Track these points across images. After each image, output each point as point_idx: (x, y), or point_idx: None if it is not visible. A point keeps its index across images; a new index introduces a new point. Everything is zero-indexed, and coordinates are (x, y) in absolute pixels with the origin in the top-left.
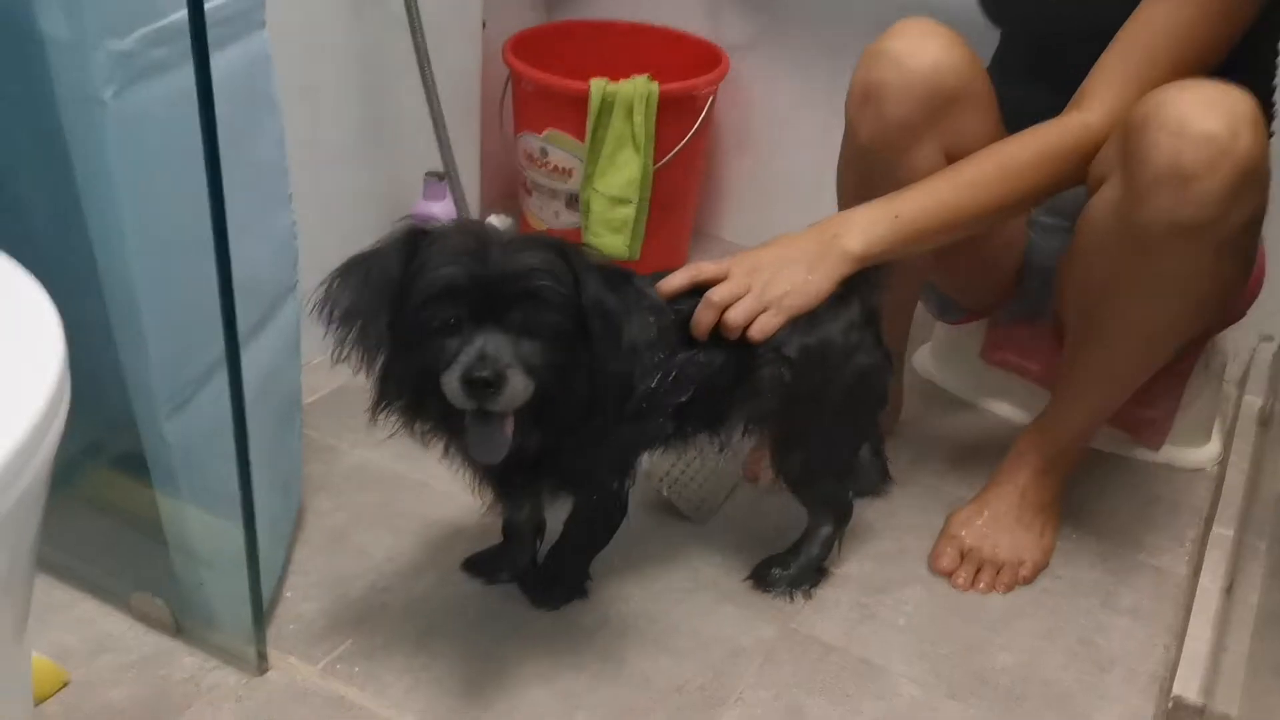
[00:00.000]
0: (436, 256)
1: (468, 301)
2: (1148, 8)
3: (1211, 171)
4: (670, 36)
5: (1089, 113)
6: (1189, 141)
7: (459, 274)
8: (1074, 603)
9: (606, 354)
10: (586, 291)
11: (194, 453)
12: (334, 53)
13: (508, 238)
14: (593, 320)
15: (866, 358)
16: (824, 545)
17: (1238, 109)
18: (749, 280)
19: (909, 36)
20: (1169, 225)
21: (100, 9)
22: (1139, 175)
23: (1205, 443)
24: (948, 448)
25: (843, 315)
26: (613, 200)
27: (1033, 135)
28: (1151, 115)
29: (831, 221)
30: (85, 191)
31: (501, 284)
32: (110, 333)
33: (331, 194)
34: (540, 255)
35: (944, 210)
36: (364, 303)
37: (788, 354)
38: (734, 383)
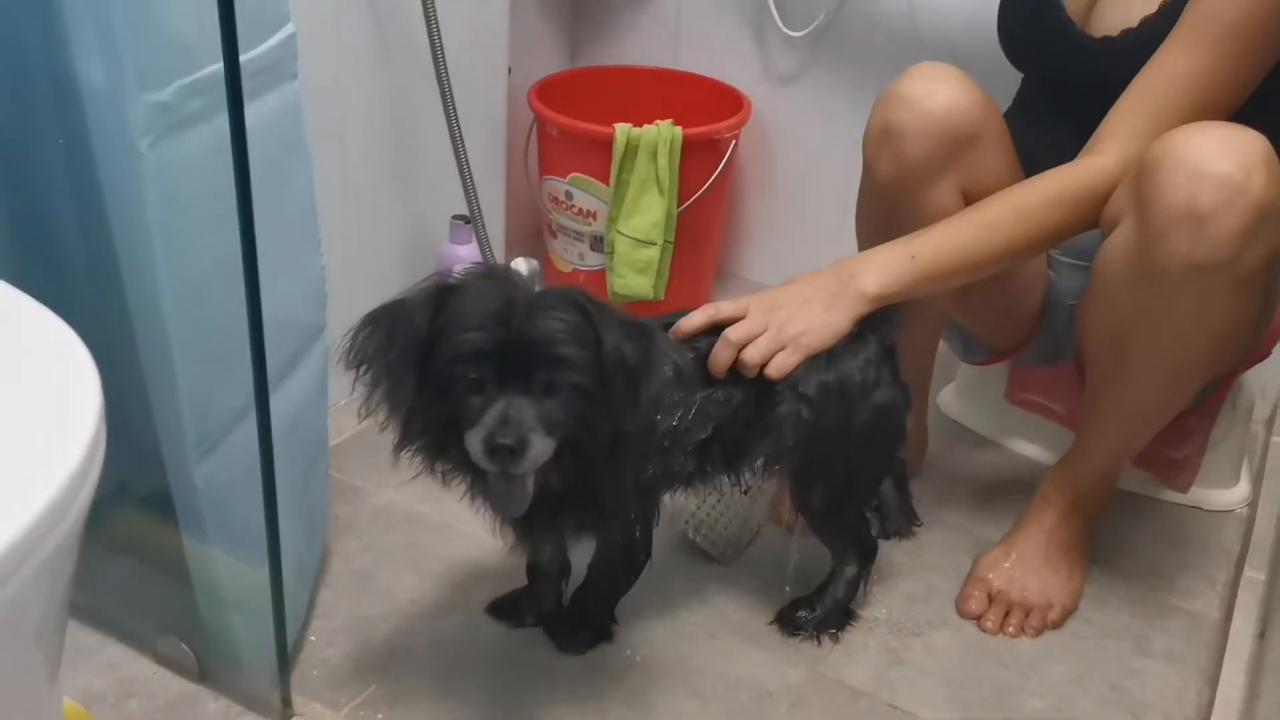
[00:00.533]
0: (461, 316)
1: (492, 364)
2: (1165, 54)
3: (1227, 211)
4: (693, 81)
5: (1104, 156)
6: (1204, 182)
7: (483, 339)
8: (1105, 647)
9: (626, 408)
10: (607, 347)
11: (222, 496)
12: (362, 99)
13: (531, 295)
14: (613, 376)
15: (885, 394)
16: (850, 586)
17: (1251, 150)
18: (766, 319)
19: (924, 79)
20: (1185, 265)
21: (138, 61)
22: (1154, 216)
23: (1234, 484)
24: (974, 487)
25: (860, 353)
26: (637, 242)
27: (1048, 178)
28: (1165, 157)
29: (849, 262)
30: (120, 239)
31: (525, 349)
32: (142, 377)
33: (360, 237)
34: (563, 316)
35: (960, 251)
36: (391, 362)
37: (806, 392)
38: (753, 420)
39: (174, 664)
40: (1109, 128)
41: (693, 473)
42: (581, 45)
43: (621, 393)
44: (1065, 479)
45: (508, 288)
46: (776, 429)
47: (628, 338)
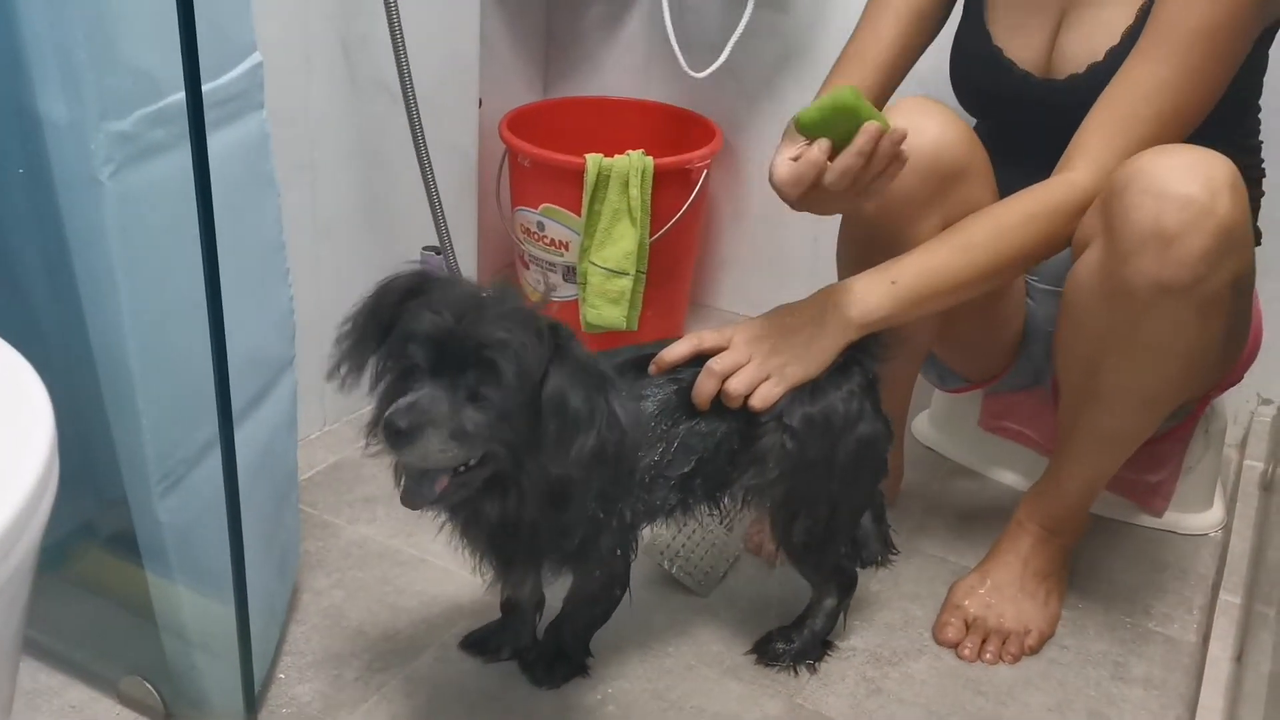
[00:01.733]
0: (426, 302)
1: (429, 353)
2: (1130, 66)
3: (1193, 232)
4: (664, 111)
5: (1076, 172)
6: (1170, 203)
7: (430, 325)
8: (1083, 673)
9: (553, 455)
10: (549, 385)
11: (187, 532)
12: (332, 131)
13: (505, 307)
14: (547, 416)
15: (868, 426)
16: (829, 617)
17: (1216, 173)
18: (750, 350)
19: (909, 114)
20: (1153, 286)
21: (100, 90)
22: (1122, 237)
23: (1208, 508)
24: (950, 516)
25: (844, 384)
26: (610, 273)
27: (1023, 196)
28: (1132, 179)
29: (831, 290)
30: (81, 270)
31: (462, 345)
32: (104, 411)
33: (329, 269)
34: (516, 333)
35: (940, 274)
36: (359, 324)
37: (790, 423)
38: (736, 452)
39: (138, 704)
40: (1079, 145)
41: (675, 505)
42: (553, 76)
43: (551, 437)
44: (1039, 505)
45: (486, 294)
46: (760, 461)
47: (577, 383)
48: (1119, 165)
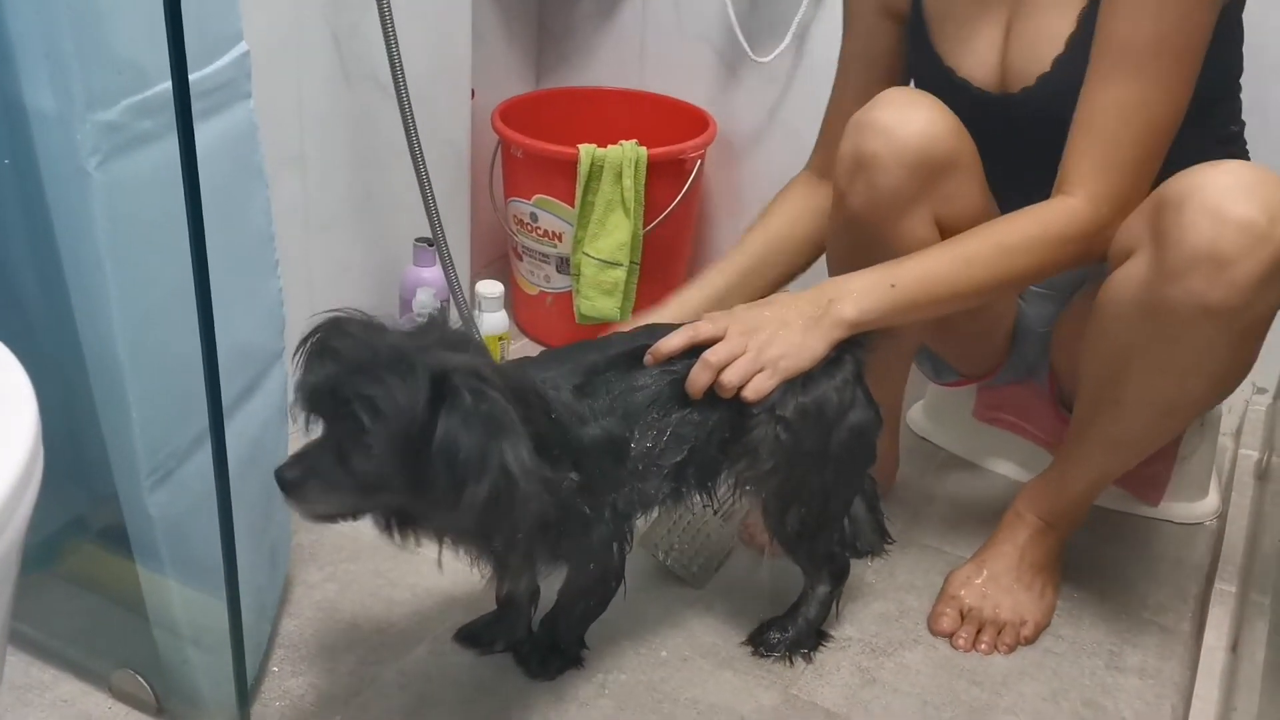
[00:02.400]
0: (318, 354)
1: (311, 406)
2: (1091, 90)
3: (1248, 257)
4: (658, 102)
5: (1074, 198)
6: (1228, 226)
7: (310, 379)
8: (1078, 663)
9: (446, 504)
10: (439, 435)
11: (178, 525)
12: (323, 122)
13: (392, 357)
14: (438, 465)
15: (860, 414)
16: (822, 606)
17: (1275, 196)
18: (745, 341)
19: (896, 106)
20: (1198, 307)
21: (86, 81)
22: (1172, 254)
23: (1203, 497)
24: (945, 506)
25: (836, 374)
26: (603, 263)
27: (1027, 217)
28: (1189, 196)
29: (828, 286)
30: (69, 262)
31: (331, 401)
32: (93, 405)
33: (321, 261)
34: (388, 383)
35: (939, 283)
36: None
37: (783, 414)
38: (728, 442)
39: (130, 699)
40: (1069, 171)
41: (668, 494)
42: (546, 67)
43: (444, 485)
44: (1040, 498)
45: (384, 337)
46: (753, 451)
47: (468, 432)
48: (1130, 188)
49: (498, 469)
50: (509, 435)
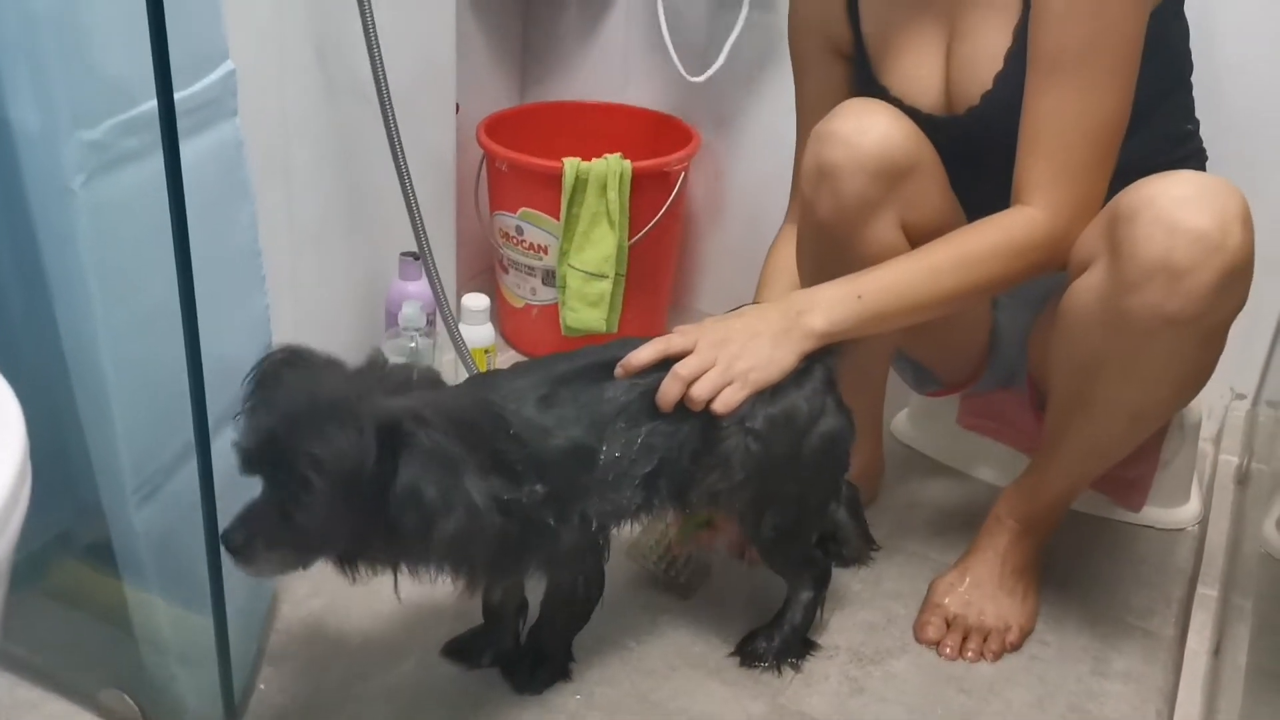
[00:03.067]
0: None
1: (250, 464)
2: (1033, 100)
3: (1202, 267)
4: (641, 115)
5: (1033, 207)
6: (1181, 237)
7: (248, 436)
8: (1064, 669)
9: (414, 545)
10: (401, 481)
11: (164, 541)
12: (308, 136)
13: (327, 400)
14: (404, 510)
15: (831, 421)
16: (807, 611)
17: (1229, 206)
18: (715, 353)
19: (854, 116)
20: (1156, 316)
21: (71, 99)
22: (1129, 266)
23: (1185, 502)
24: (931, 513)
25: (805, 384)
26: (589, 276)
27: (991, 227)
28: (1142, 208)
29: (797, 298)
30: (54, 279)
31: (281, 455)
32: (79, 421)
33: (307, 275)
34: (331, 436)
35: (905, 294)
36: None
37: (753, 426)
38: (699, 453)
39: (117, 716)
40: (1022, 181)
41: (640, 505)
42: (530, 81)
43: (412, 528)
44: (1018, 503)
45: (322, 383)
46: (725, 463)
47: (428, 473)
48: (1087, 192)
49: (463, 506)
50: (466, 470)
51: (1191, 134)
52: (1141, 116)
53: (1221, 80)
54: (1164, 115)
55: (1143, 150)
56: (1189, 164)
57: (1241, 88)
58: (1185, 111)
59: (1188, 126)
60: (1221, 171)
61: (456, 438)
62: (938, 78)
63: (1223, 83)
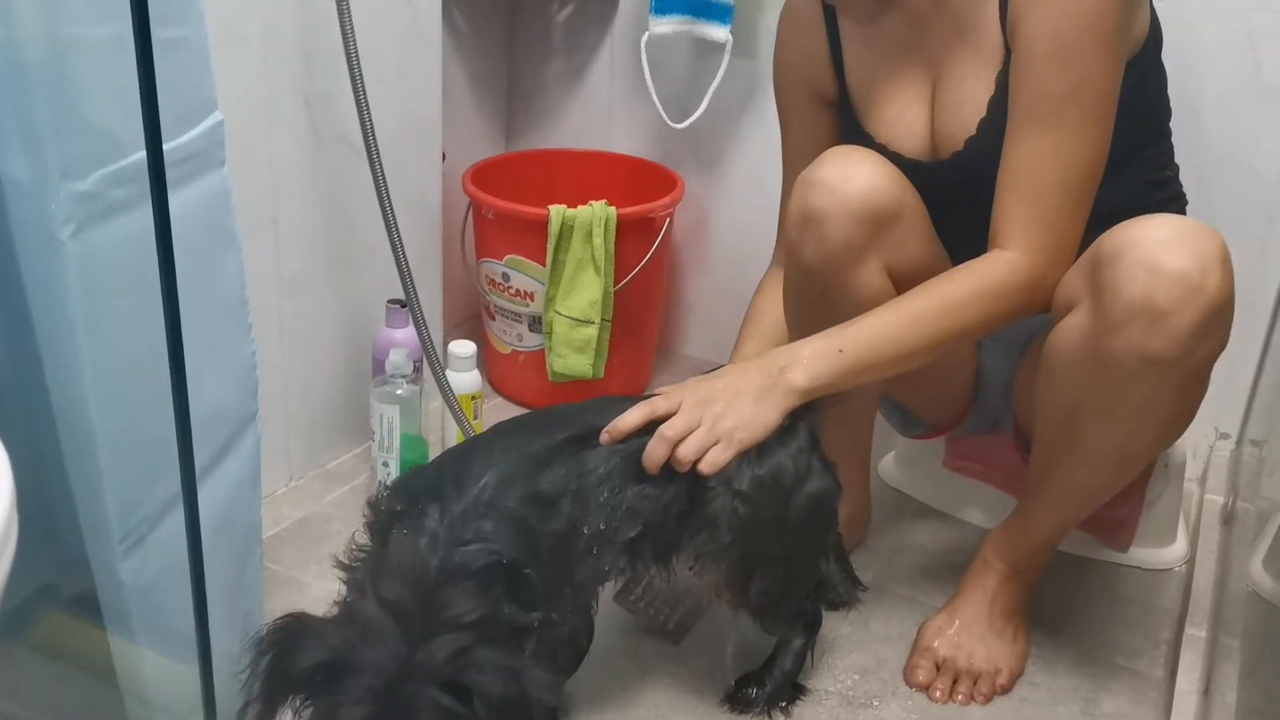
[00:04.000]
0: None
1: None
2: (1012, 145)
3: (1183, 309)
4: (626, 163)
5: (1011, 251)
6: (1162, 279)
7: None
8: (1053, 711)
9: None
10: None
11: (149, 591)
12: (295, 186)
13: (398, 687)
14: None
15: (817, 482)
16: (797, 658)
17: (1208, 248)
18: (700, 414)
19: (839, 163)
20: (1138, 358)
21: (61, 150)
22: (1111, 308)
23: (1171, 542)
24: (919, 556)
25: (790, 443)
26: (575, 321)
27: (966, 273)
28: (1124, 250)
29: (779, 354)
30: (42, 329)
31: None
32: (65, 471)
33: (295, 323)
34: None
35: (886, 344)
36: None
37: (739, 488)
38: (685, 516)
39: None
40: (1002, 227)
41: (624, 568)
42: (516, 129)
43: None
44: (1005, 545)
45: (381, 664)
46: (712, 524)
47: (504, 700)
48: (1063, 237)
49: (538, 706)
50: (529, 674)
51: (1171, 179)
52: (1120, 163)
53: (1200, 124)
54: (1143, 162)
55: (1123, 195)
56: (1169, 209)
57: (1218, 131)
58: (1164, 158)
59: (1167, 173)
60: (1201, 215)
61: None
62: (922, 124)
63: (1201, 126)
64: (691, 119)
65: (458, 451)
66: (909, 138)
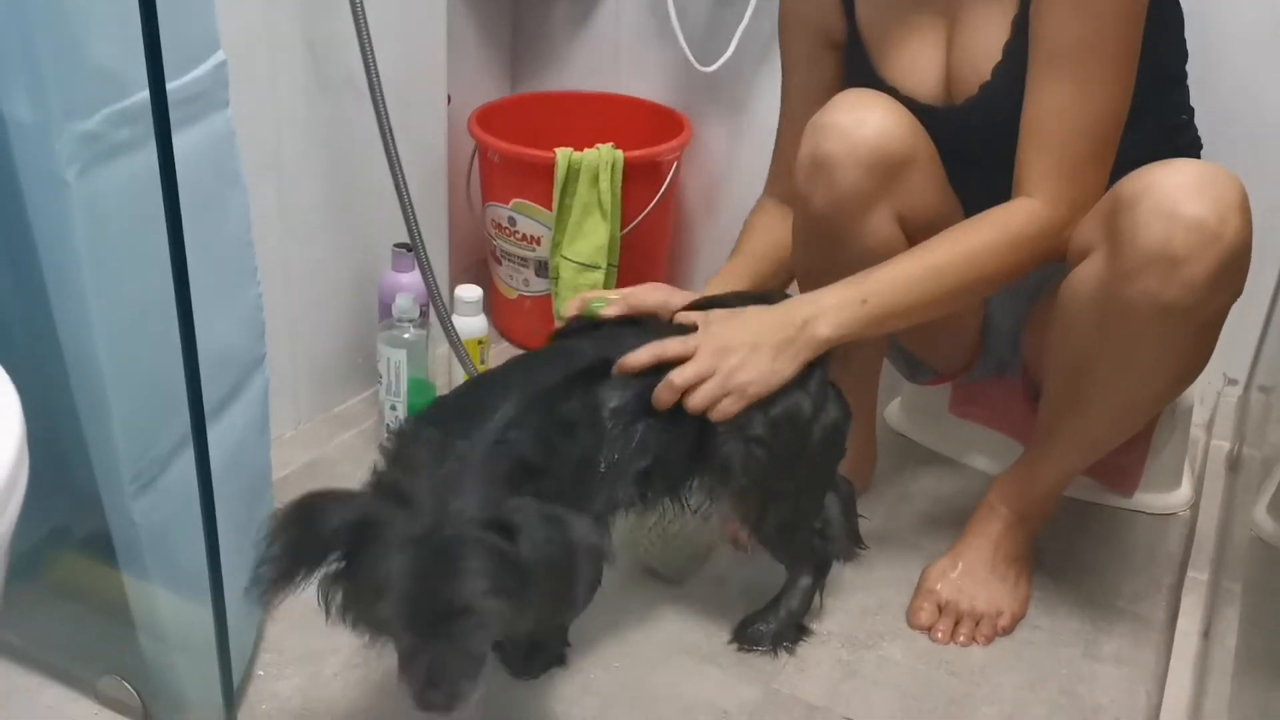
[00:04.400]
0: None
1: (411, 624)
2: (1033, 94)
3: (1200, 257)
4: (633, 105)
5: (1034, 200)
6: (1179, 226)
7: (401, 604)
8: (1055, 653)
9: (560, 606)
10: (532, 560)
11: (161, 532)
12: (299, 129)
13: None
14: (541, 584)
15: (832, 413)
16: (804, 597)
17: (1227, 194)
18: (714, 363)
19: (851, 108)
20: (1153, 306)
21: (64, 91)
22: (1127, 255)
23: (1176, 487)
24: (923, 501)
25: (806, 383)
26: (581, 266)
27: (989, 221)
28: (1141, 196)
29: (801, 305)
30: (49, 270)
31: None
32: (75, 412)
33: (300, 267)
34: (478, 567)
35: (909, 295)
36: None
37: (754, 433)
38: (695, 452)
39: (116, 704)
40: (1023, 175)
41: (634, 500)
42: (521, 72)
43: (551, 597)
44: (1011, 491)
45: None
46: (724, 466)
47: (548, 544)
48: (1087, 185)
49: (585, 552)
50: (571, 523)
51: (1186, 124)
52: (1137, 110)
53: (1216, 68)
54: (1159, 107)
55: (1138, 142)
56: (1185, 155)
57: (1236, 75)
58: (1180, 103)
59: (1183, 117)
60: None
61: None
62: (936, 68)
63: (1217, 70)
64: (720, 61)
65: (473, 384)
66: (922, 82)
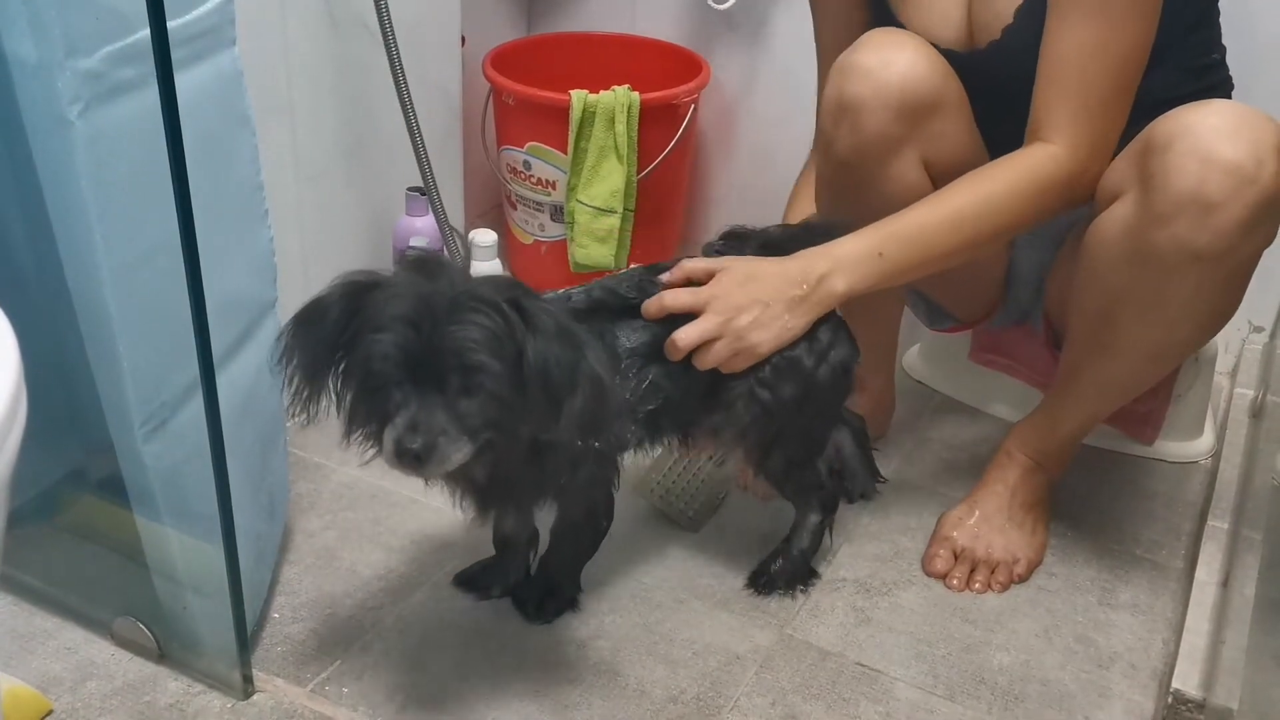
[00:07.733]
0: (375, 318)
1: (404, 369)
2: (1054, 35)
3: (1234, 201)
4: (650, 46)
5: (1053, 145)
6: (1214, 169)
7: (393, 345)
8: (1071, 600)
9: (547, 419)
10: (530, 356)
11: (173, 475)
12: (311, 71)
13: (453, 293)
14: (533, 388)
15: (839, 352)
16: (814, 536)
17: (1264, 137)
18: (722, 324)
19: (879, 48)
20: (1184, 251)
21: (66, 28)
22: (1159, 198)
23: (1199, 435)
24: (940, 448)
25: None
26: (597, 211)
27: (1008, 167)
28: (1176, 138)
29: (818, 259)
30: (54, 211)
31: (437, 356)
32: (85, 356)
33: (313, 211)
34: (482, 321)
35: (927, 246)
36: (304, 363)
37: (762, 376)
38: (706, 397)
39: (132, 645)
40: (1044, 118)
41: (642, 438)
42: (537, 12)
43: (542, 404)
44: (1030, 438)
45: (430, 284)
46: (732, 406)
47: (555, 351)
48: (1106, 128)
49: (589, 377)
50: (589, 345)
51: (1218, 64)
52: (1166, 48)
53: (1250, 5)
54: (1190, 46)
55: (1167, 82)
56: (1215, 95)
57: (1272, 12)
58: (1212, 41)
59: (1214, 56)
60: (1248, 101)
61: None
62: (959, 12)
63: (1251, 6)
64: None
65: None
66: (944, 27)
